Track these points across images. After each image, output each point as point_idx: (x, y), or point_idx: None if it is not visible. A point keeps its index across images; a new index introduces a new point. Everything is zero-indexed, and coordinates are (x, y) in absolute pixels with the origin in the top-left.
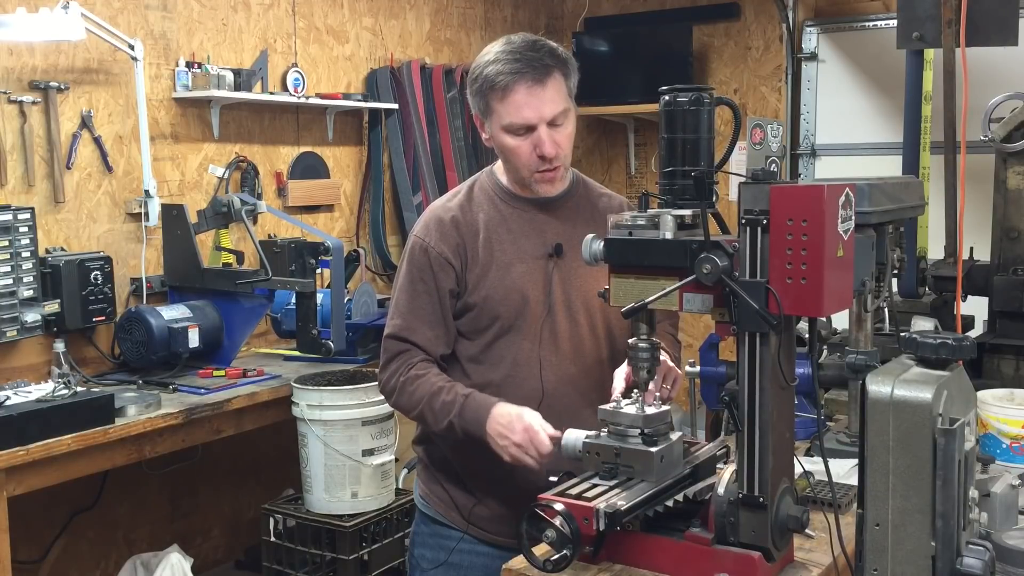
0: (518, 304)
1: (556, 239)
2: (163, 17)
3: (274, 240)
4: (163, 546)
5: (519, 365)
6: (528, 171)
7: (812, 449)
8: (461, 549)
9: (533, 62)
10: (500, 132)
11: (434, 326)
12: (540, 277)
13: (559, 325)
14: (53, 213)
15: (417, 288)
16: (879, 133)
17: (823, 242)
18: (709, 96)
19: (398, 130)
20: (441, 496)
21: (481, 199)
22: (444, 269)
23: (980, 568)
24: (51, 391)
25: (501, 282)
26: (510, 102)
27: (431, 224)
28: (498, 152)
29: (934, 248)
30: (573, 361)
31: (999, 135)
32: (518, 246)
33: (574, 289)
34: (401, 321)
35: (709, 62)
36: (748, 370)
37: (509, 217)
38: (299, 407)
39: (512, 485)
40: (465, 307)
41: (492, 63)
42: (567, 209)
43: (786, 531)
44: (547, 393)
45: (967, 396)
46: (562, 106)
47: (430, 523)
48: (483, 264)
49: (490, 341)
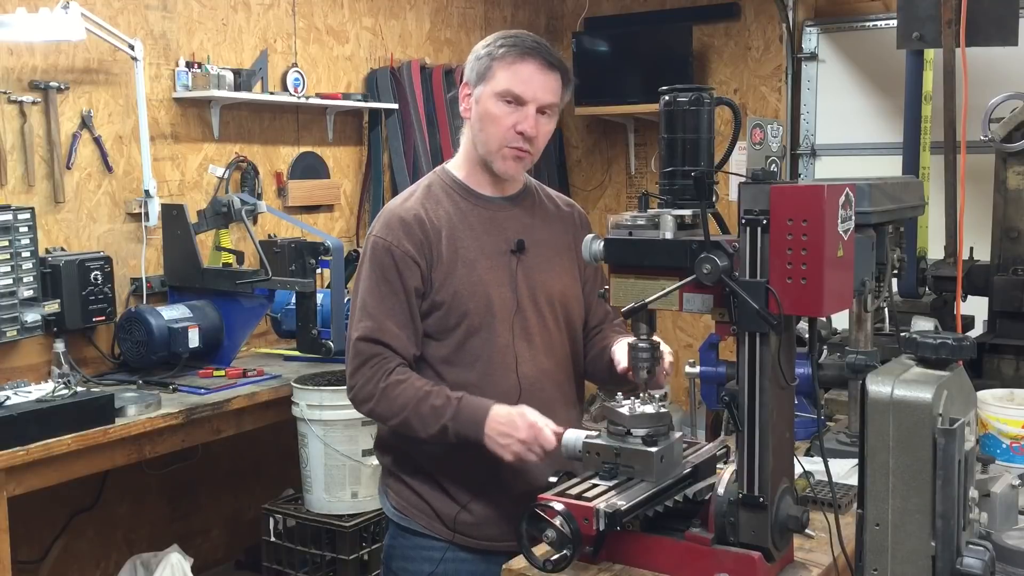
0: (486, 300)
1: (517, 235)
2: (163, 17)
3: (274, 240)
4: (163, 546)
5: (494, 362)
6: (499, 143)
7: (812, 449)
8: (448, 559)
9: (545, 52)
10: (490, 97)
11: (404, 326)
12: (505, 273)
13: (529, 320)
14: (53, 213)
15: (383, 289)
16: (879, 133)
17: (823, 242)
18: (709, 96)
19: (398, 130)
20: (419, 506)
21: (440, 196)
22: (410, 268)
23: (980, 568)
24: (51, 391)
25: (468, 278)
26: (517, 70)
27: (393, 223)
28: (475, 121)
29: (934, 248)
30: (546, 355)
31: (999, 135)
32: (481, 243)
33: (538, 284)
34: (371, 323)
35: (709, 62)
36: (748, 370)
37: (469, 214)
38: (299, 407)
39: (497, 488)
40: (432, 306)
41: (512, 37)
42: (525, 207)
43: (786, 531)
44: (524, 388)
45: (967, 396)
46: (555, 100)
47: (408, 535)
48: (448, 261)
49: (461, 340)
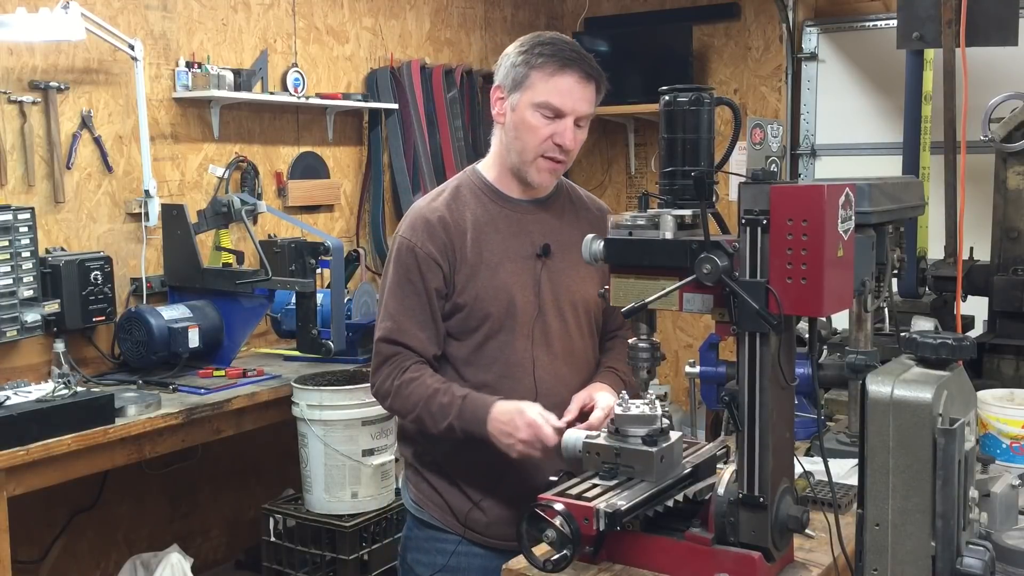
0: (507, 303)
1: (544, 239)
2: (163, 17)
3: (274, 240)
4: (163, 546)
5: (512, 365)
6: (534, 153)
7: (812, 449)
8: (459, 552)
9: (585, 62)
10: (527, 107)
11: (425, 327)
12: (529, 277)
13: (550, 325)
14: (53, 213)
15: (405, 289)
16: (879, 133)
17: (823, 242)
18: (709, 96)
19: (398, 130)
20: (435, 500)
21: (468, 198)
22: (432, 269)
23: (980, 568)
24: (51, 391)
25: (490, 282)
26: (557, 82)
27: (417, 224)
28: (509, 128)
29: (934, 248)
30: (565, 361)
31: (999, 135)
32: (506, 246)
33: (562, 289)
34: (391, 323)
35: (709, 62)
36: (748, 370)
37: (497, 216)
38: (299, 407)
39: (509, 488)
40: (455, 308)
41: (550, 45)
42: (554, 210)
43: (786, 531)
44: (540, 392)
45: (967, 396)
46: (590, 111)
47: (424, 527)
48: (472, 264)
49: (481, 342)
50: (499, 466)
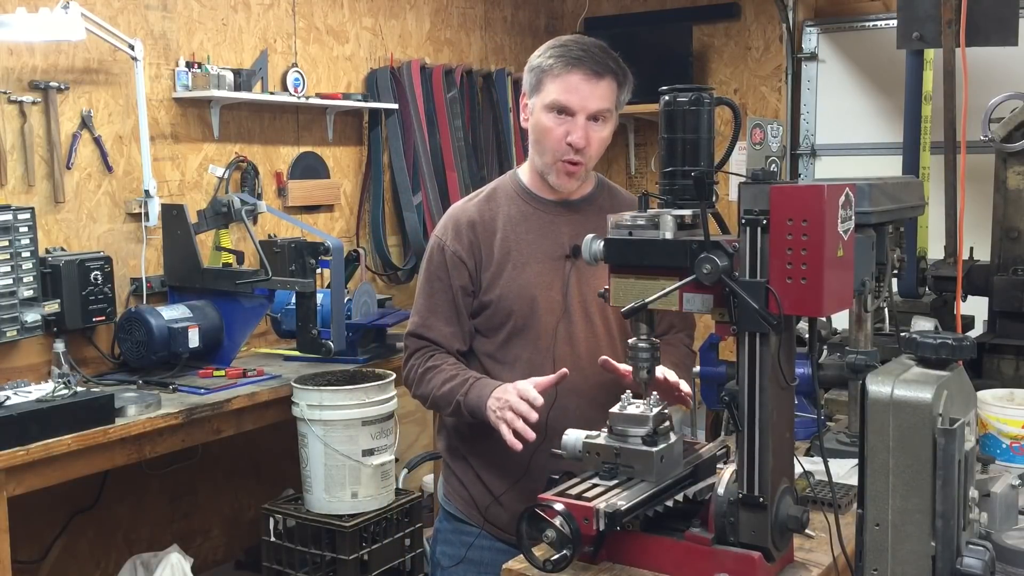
0: (531, 303)
1: (575, 241)
2: (163, 17)
3: (274, 240)
4: (163, 546)
5: (533, 364)
6: (553, 156)
7: (812, 449)
8: (479, 545)
9: (596, 58)
10: (541, 110)
11: (450, 322)
12: (557, 278)
13: (576, 327)
14: (53, 213)
15: (434, 286)
16: (879, 133)
17: (823, 242)
18: (709, 96)
19: (398, 130)
20: (461, 493)
21: (502, 199)
22: (457, 267)
23: (980, 568)
24: (51, 391)
25: (515, 281)
26: (562, 81)
27: (448, 224)
28: (532, 134)
29: (934, 248)
30: (589, 361)
31: (999, 135)
32: (535, 246)
33: (591, 292)
34: (419, 319)
35: (709, 62)
36: (748, 370)
37: (530, 216)
38: (299, 407)
39: (530, 485)
40: (481, 305)
41: (560, 47)
42: (589, 212)
43: (786, 531)
44: (560, 394)
45: (967, 396)
46: (606, 106)
47: (451, 520)
48: (498, 263)
49: (505, 340)
50: (521, 462)
